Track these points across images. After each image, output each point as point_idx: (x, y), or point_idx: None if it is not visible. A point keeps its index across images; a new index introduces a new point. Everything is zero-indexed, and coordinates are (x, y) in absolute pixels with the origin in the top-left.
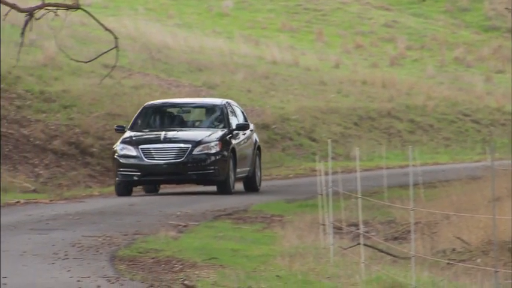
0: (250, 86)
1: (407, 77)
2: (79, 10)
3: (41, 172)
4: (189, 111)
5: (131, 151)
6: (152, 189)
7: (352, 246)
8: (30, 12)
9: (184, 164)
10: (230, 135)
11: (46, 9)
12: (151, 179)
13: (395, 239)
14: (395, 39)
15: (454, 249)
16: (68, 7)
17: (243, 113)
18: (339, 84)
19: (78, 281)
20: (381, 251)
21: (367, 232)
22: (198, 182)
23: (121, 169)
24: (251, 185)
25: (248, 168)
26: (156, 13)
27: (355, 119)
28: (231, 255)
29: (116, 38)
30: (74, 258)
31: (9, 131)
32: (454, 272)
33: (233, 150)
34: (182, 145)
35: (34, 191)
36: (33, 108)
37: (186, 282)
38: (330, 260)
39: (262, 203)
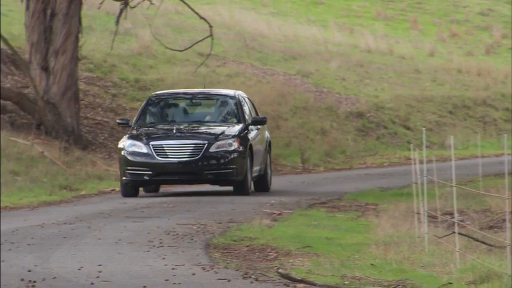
0: (345, 74)
1: (502, 66)
2: None
3: None
4: (199, 104)
5: (141, 148)
6: (153, 188)
7: (447, 235)
8: (125, 1)
9: (200, 162)
10: (246, 131)
11: None
12: (163, 178)
13: (491, 227)
14: (491, 27)
15: None
16: None
17: (253, 105)
18: (434, 72)
19: (173, 268)
20: (476, 239)
21: (461, 221)
22: (214, 182)
23: (129, 168)
24: (262, 185)
25: (260, 167)
26: (251, 1)
27: (450, 108)
28: (326, 243)
29: (210, 26)
30: (169, 246)
31: (105, 119)
32: None
33: (250, 147)
34: (197, 141)
35: None
36: (128, 97)
37: (280, 270)
38: (425, 249)
39: (357, 192)
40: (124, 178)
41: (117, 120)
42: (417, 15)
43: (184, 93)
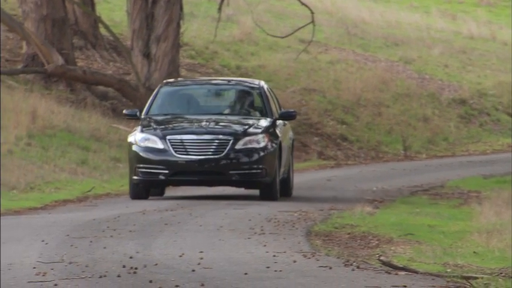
0: (447, 61)
1: None
2: None
3: None
4: (219, 94)
5: (156, 143)
6: (158, 191)
7: None
8: None
9: (225, 160)
10: (275, 126)
11: None
12: (182, 179)
13: None
14: None
15: None
16: None
17: (276, 98)
18: None
19: (274, 256)
20: None
21: None
22: (239, 184)
23: (142, 166)
24: (284, 189)
25: (284, 169)
26: None
27: None
28: (428, 231)
29: (312, 12)
30: (270, 233)
31: None
32: None
33: (280, 145)
34: (222, 136)
35: None
36: None
37: (382, 258)
38: None
39: (459, 179)
40: (135, 178)
41: (124, 111)
42: None
43: (202, 82)
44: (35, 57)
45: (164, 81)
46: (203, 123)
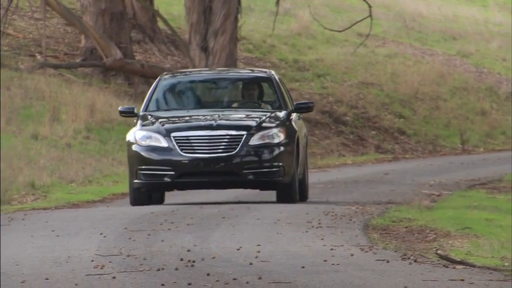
0: (505, 54)
1: None
2: None
3: None
4: (226, 85)
5: (159, 141)
6: (158, 198)
7: None
8: None
9: (238, 158)
10: (290, 119)
11: None
12: (190, 181)
13: None
14: None
15: None
16: None
17: (287, 89)
18: None
19: (331, 249)
20: None
21: None
22: (255, 185)
23: (144, 167)
24: (300, 191)
25: (299, 168)
26: None
27: None
28: (485, 225)
29: (369, 6)
30: (327, 227)
31: None
32: None
33: (297, 140)
34: (233, 132)
35: None
36: (287, 77)
37: (439, 251)
38: None
39: None
40: (136, 181)
41: (119, 108)
42: None
43: (206, 73)
44: (93, 51)
45: (164, 72)
46: (211, 118)
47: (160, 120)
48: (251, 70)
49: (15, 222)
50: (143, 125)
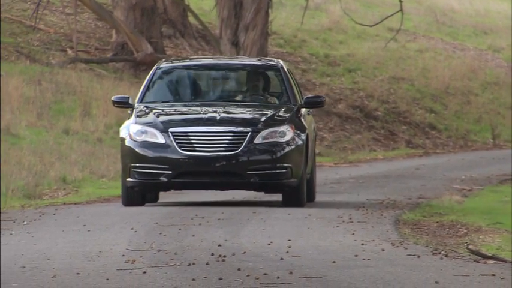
0: None
1: None
2: None
3: (325, 136)
4: (229, 76)
5: (155, 137)
6: (152, 197)
7: None
8: None
9: (242, 157)
10: (300, 115)
11: None
12: (188, 181)
13: None
14: None
15: None
16: None
17: (296, 81)
18: None
19: (362, 244)
20: None
21: None
22: (260, 187)
23: (138, 165)
24: (307, 192)
25: (308, 167)
26: None
27: None
28: None
29: (400, 1)
30: (358, 222)
31: None
32: None
33: (307, 138)
34: (237, 128)
35: (319, 154)
36: (318, 72)
37: (470, 246)
38: None
39: None
40: (129, 180)
41: (112, 98)
42: None
43: (208, 61)
44: (124, 45)
45: (161, 60)
46: (213, 112)
47: (157, 113)
48: (258, 59)
49: (46, 217)
50: (138, 119)
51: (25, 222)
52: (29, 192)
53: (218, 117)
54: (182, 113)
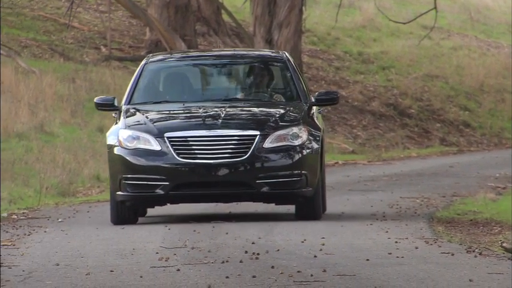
0: None
1: None
2: None
3: (359, 133)
4: (229, 72)
5: (149, 143)
6: (141, 211)
7: None
8: None
9: (249, 165)
10: (312, 114)
11: None
12: (188, 193)
13: None
14: None
15: None
16: None
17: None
18: None
19: (396, 242)
20: None
21: None
22: (271, 199)
23: (130, 176)
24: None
25: None
26: None
27: None
28: None
29: None
30: (392, 220)
31: None
32: None
33: (321, 141)
34: (244, 132)
35: (352, 152)
36: (352, 70)
37: (504, 244)
38: None
39: None
40: (120, 193)
41: (95, 100)
42: None
43: (204, 55)
44: (158, 43)
45: (150, 55)
46: (215, 113)
47: (149, 116)
48: (260, 52)
49: (80, 215)
50: (128, 122)
51: (59, 220)
52: (63, 190)
53: (221, 119)
54: (179, 115)
